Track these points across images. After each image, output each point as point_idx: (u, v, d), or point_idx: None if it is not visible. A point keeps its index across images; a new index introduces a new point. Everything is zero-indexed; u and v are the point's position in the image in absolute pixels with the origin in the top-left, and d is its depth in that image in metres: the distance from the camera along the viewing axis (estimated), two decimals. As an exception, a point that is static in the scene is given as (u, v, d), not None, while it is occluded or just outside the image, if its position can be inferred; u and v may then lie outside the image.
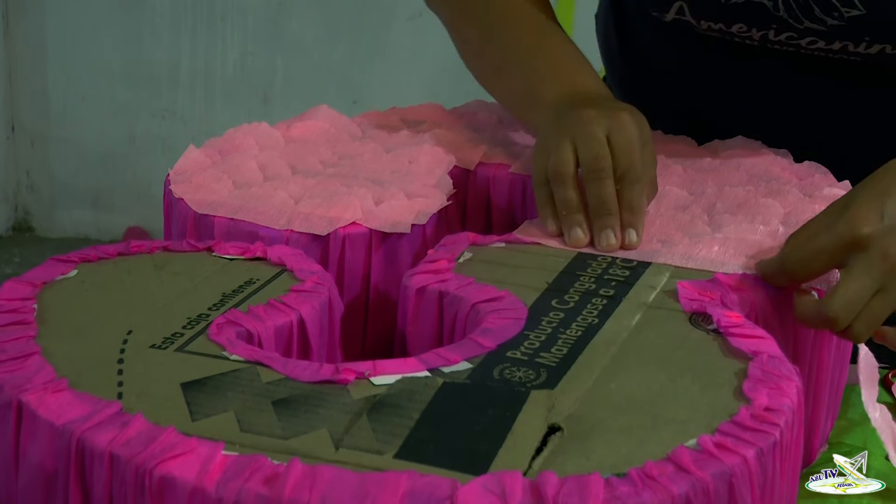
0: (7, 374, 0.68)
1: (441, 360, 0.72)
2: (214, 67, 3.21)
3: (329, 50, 3.14)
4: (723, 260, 0.88)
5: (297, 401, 0.67)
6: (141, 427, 0.63)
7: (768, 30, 1.03)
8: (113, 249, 0.87)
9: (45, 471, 0.65)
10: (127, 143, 3.29)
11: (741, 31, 1.04)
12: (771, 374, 0.71)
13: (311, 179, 0.99)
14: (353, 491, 0.59)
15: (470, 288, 0.82)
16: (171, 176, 0.99)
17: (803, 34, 1.01)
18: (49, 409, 0.65)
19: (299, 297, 0.81)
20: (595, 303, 0.81)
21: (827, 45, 1.01)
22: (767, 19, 1.02)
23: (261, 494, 0.59)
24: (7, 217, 3.39)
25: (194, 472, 0.60)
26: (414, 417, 0.66)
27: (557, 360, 0.73)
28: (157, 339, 0.74)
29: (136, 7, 3.19)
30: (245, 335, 0.76)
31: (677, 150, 1.12)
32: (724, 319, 0.78)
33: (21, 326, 0.74)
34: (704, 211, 0.98)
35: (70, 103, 3.30)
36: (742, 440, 0.65)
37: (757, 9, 1.02)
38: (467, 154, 1.08)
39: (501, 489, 0.59)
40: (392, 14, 3.08)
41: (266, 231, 0.91)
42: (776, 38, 1.03)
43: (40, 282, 0.81)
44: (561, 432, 0.65)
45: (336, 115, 1.16)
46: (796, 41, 1.02)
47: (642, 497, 0.60)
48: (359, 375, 0.70)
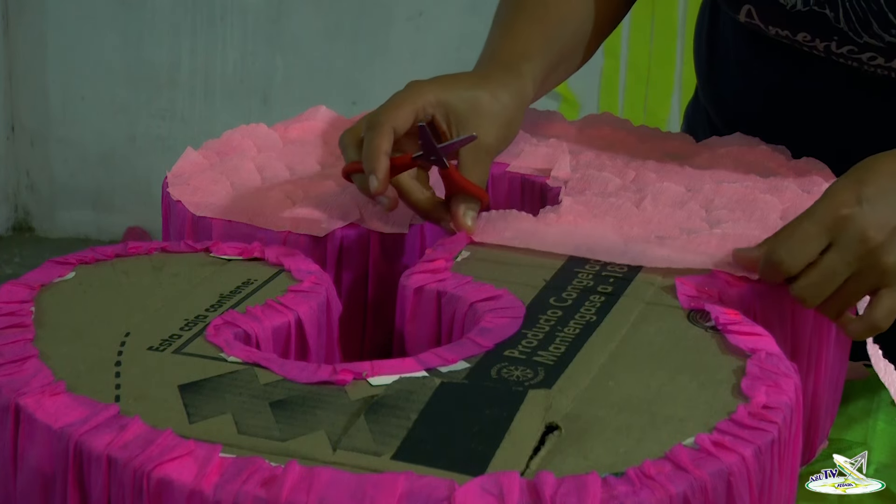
0: (5, 378, 0.68)
1: (439, 360, 0.72)
2: (214, 67, 3.20)
3: (329, 50, 3.14)
4: (721, 255, 0.88)
5: (294, 402, 0.67)
6: (138, 430, 0.63)
7: (830, 41, 1.03)
8: (110, 251, 0.87)
9: (44, 474, 0.65)
10: (127, 143, 3.29)
11: (806, 40, 1.05)
12: (769, 372, 0.71)
13: (309, 180, 0.99)
14: (350, 492, 0.59)
15: (467, 287, 0.82)
16: (169, 178, 0.99)
17: (863, 49, 1.02)
18: (47, 413, 0.65)
19: (297, 298, 0.81)
20: (593, 300, 0.81)
21: (886, 63, 1.02)
22: (829, 30, 1.03)
23: (258, 497, 0.59)
24: (7, 217, 3.39)
25: (192, 475, 0.60)
26: (412, 418, 0.66)
27: (555, 359, 0.73)
28: (154, 341, 0.74)
29: (136, 7, 3.19)
30: (243, 336, 0.76)
31: (675, 146, 1.12)
32: (723, 316, 0.78)
33: (18, 329, 0.74)
34: (702, 207, 0.97)
35: (70, 103, 3.29)
36: (740, 438, 0.65)
37: (819, 18, 1.02)
38: (465, 153, 1.08)
39: (499, 489, 0.59)
40: (392, 14, 3.08)
41: (264, 233, 0.91)
42: (839, 51, 1.04)
43: (38, 284, 0.81)
44: (558, 431, 0.65)
45: (334, 116, 1.16)
46: (857, 55, 1.03)
47: (640, 496, 0.60)
48: (356, 376, 0.70)
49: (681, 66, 2.91)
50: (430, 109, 0.89)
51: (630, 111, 2.98)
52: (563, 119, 1.19)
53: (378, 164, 0.85)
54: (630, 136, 1.14)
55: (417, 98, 0.89)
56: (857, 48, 1.02)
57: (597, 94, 3.02)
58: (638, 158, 1.09)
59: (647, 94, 2.98)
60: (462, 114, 0.90)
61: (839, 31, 1.02)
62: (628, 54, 2.96)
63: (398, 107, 0.88)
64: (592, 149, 1.11)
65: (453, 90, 0.90)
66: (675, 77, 2.93)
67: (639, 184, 1.02)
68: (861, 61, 1.04)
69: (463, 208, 0.90)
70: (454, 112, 0.90)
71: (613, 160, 1.08)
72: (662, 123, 2.94)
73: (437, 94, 0.90)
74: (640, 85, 2.97)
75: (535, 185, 1.05)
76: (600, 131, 1.15)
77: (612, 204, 0.96)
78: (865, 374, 1.04)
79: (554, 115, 1.20)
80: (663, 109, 2.98)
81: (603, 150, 1.11)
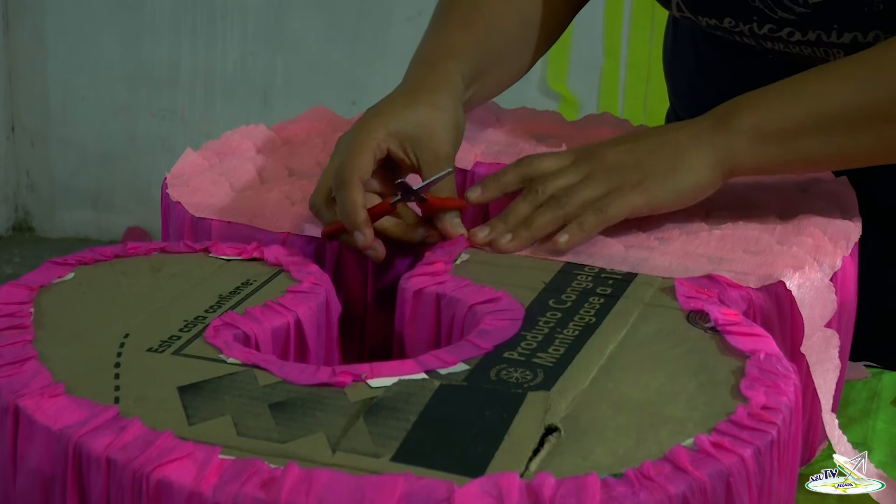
0: (4, 379, 0.68)
1: (438, 362, 0.72)
2: (214, 67, 3.20)
3: (329, 50, 3.14)
4: (720, 256, 0.88)
5: (293, 404, 0.67)
6: (138, 431, 0.63)
7: (752, 23, 1.04)
8: (110, 251, 0.87)
9: (43, 475, 0.65)
10: (127, 143, 3.29)
11: (732, 26, 1.05)
12: (768, 373, 0.71)
13: (309, 181, 0.99)
14: (349, 494, 0.59)
15: (467, 289, 0.82)
16: (169, 179, 0.99)
17: (781, 24, 1.03)
18: (46, 414, 0.65)
19: (296, 298, 0.81)
20: (592, 302, 0.81)
21: (804, 37, 1.02)
22: (748, 10, 1.04)
23: (258, 498, 0.59)
24: (7, 217, 3.39)
25: (191, 477, 0.60)
26: (411, 420, 0.66)
27: (555, 361, 0.73)
28: (153, 342, 0.74)
29: (136, 7, 3.19)
30: (242, 337, 0.76)
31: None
32: (722, 317, 0.78)
33: (18, 331, 0.74)
34: (701, 207, 0.97)
35: (70, 103, 3.29)
36: (739, 439, 0.65)
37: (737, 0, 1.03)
38: (464, 153, 1.08)
39: (498, 491, 0.59)
40: (392, 14, 3.08)
41: (263, 233, 0.91)
42: (761, 32, 1.04)
43: (37, 285, 0.81)
44: (558, 433, 0.65)
45: (333, 116, 1.16)
46: (777, 34, 1.03)
47: (639, 497, 0.60)
48: (356, 378, 0.70)
49: (681, 65, 2.91)
50: (383, 145, 0.91)
51: (630, 111, 2.98)
52: (562, 119, 1.19)
53: (359, 219, 0.87)
54: (630, 137, 1.14)
55: (369, 140, 0.91)
56: (776, 25, 1.03)
57: (597, 94, 3.02)
58: (637, 159, 1.08)
59: (647, 94, 2.98)
60: (413, 136, 0.92)
61: (756, 10, 1.03)
62: (628, 54, 2.96)
63: (357, 154, 0.90)
64: (592, 149, 1.11)
65: (396, 117, 0.93)
66: (675, 77, 2.93)
67: (638, 184, 1.02)
68: (783, 40, 1.05)
69: (447, 220, 0.92)
70: (406, 138, 0.92)
71: (613, 161, 1.08)
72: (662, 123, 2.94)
73: (384, 128, 0.92)
74: (640, 85, 2.97)
75: (534, 185, 1.05)
76: (600, 131, 1.15)
77: (612, 204, 0.96)
78: (865, 374, 1.04)
79: (554, 115, 1.20)
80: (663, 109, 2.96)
81: (602, 150, 1.11)
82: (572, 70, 2.99)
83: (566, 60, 2.97)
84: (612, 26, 2.92)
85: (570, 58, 2.97)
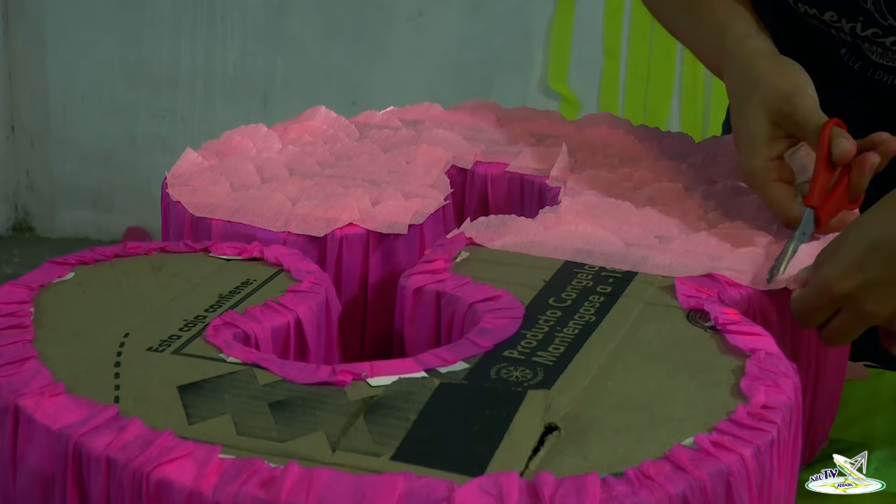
0: (4, 379, 0.68)
1: (438, 361, 0.72)
2: (214, 67, 3.21)
3: (329, 50, 3.14)
4: (721, 254, 0.88)
5: (293, 403, 0.67)
6: (138, 431, 0.63)
7: (856, 22, 1.04)
8: (110, 251, 0.86)
9: (43, 475, 0.65)
10: (127, 143, 3.29)
11: (832, 19, 1.06)
12: (769, 372, 0.71)
13: (309, 181, 0.99)
14: (349, 493, 0.59)
15: (467, 288, 0.82)
16: (169, 179, 0.99)
17: (887, 32, 1.03)
18: (46, 414, 0.65)
19: (296, 298, 0.81)
20: (592, 300, 0.81)
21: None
22: (856, 10, 1.04)
23: (258, 497, 0.59)
24: (7, 217, 3.39)
25: (191, 476, 0.60)
26: (411, 419, 0.66)
27: (554, 359, 0.73)
28: (153, 341, 0.74)
29: (136, 7, 3.19)
30: (242, 337, 0.76)
31: (674, 146, 1.12)
32: (722, 316, 0.78)
33: (18, 330, 0.74)
34: (701, 207, 0.98)
35: (70, 103, 3.30)
36: (739, 439, 0.65)
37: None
38: (464, 153, 1.08)
39: (498, 490, 0.59)
40: (392, 14, 3.08)
41: (263, 233, 0.91)
42: (863, 34, 1.05)
43: (37, 285, 0.81)
44: (558, 432, 0.65)
45: (333, 116, 1.16)
46: (881, 39, 1.04)
47: (639, 497, 0.60)
48: (356, 377, 0.70)
49: (681, 66, 2.91)
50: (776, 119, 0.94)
51: (630, 111, 2.98)
52: (562, 119, 1.19)
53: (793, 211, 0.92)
54: (629, 136, 1.14)
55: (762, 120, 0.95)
56: (882, 31, 1.04)
57: (597, 94, 3.02)
58: (637, 158, 1.09)
59: (647, 94, 2.98)
60: None
61: (865, 12, 1.03)
62: (628, 54, 2.96)
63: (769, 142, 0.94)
64: (592, 148, 1.11)
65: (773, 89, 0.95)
66: (675, 77, 2.93)
67: (638, 183, 1.02)
68: (885, 47, 1.05)
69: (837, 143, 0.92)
70: None
71: (612, 160, 1.08)
72: (662, 123, 2.94)
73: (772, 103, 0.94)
74: (640, 85, 2.97)
75: (534, 184, 1.05)
76: (599, 131, 1.16)
77: (612, 204, 0.96)
78: (865, 374, 1.04)
79: (553, 115, 1.20)
80: (663, 109, 2.98)
81: (602, 149, 1.11)
82: (572, 70, 2.99)
83: (566, 60, 2.97)
84: (612, 26, 2.92)
85: (571, 58, 2.97)
